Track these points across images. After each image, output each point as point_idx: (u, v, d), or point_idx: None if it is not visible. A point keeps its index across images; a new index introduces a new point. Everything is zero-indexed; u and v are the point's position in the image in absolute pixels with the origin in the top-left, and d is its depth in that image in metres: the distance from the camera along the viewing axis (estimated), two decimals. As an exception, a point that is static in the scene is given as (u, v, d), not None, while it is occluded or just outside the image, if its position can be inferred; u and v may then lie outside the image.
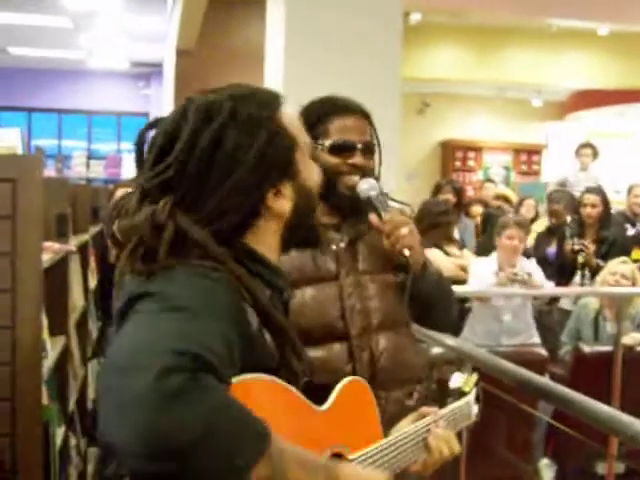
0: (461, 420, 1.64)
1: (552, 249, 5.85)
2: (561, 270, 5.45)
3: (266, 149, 1.23)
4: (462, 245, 5.58)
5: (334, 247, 1.94)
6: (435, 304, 2.01)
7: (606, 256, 5.31)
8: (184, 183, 1.20)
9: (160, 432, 0.88)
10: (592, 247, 5.30)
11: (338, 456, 1.23)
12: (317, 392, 1.26)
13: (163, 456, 0.88)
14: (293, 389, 1.16)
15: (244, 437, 0.94)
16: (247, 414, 0.97)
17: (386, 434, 1.42)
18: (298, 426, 1.15)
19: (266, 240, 1.28)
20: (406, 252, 1.87)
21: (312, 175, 1.36)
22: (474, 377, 1.75)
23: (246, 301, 1.16)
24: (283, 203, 1.28)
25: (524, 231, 4.75)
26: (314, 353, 1.79)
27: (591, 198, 5.51)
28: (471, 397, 1.69)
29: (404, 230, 1.87)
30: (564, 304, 5.40)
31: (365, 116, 2.00)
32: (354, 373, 1.81)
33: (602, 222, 5.49)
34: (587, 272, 5.31)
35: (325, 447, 1.20)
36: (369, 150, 1.96)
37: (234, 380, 1.03)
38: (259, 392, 1.09)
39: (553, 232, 6.04)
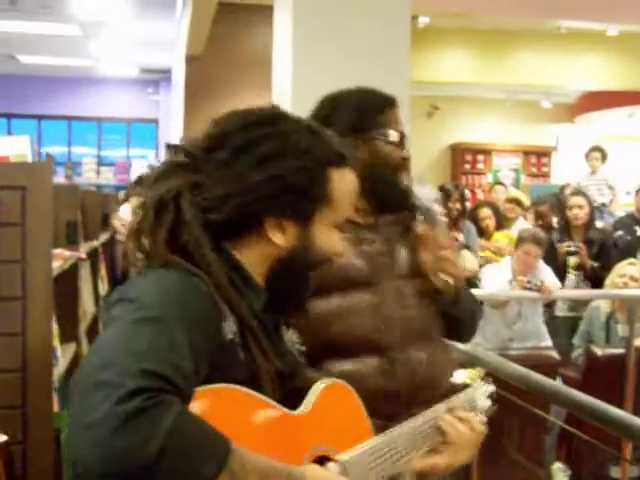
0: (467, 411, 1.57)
1: None
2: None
3: (294, 175, 1.21)
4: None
5: (367, 248, 1.78)
6: (462, 325, 1.92)
7: (598, 257, 5.34)
8: (207, 167, 1.21)
9: (116, 453, 0.90)
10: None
11: (323, 458, 1.20)
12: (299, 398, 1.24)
13: (120, 476, 0.90)
14: (263, 397, 1.13)
15: (201, 456, 0.95)
16: (206, 432, 0.97)
17: None
18: (271, 433, 1.13)
19: (253, 261, 1.25)
20: (443, 276, 1.77)
21: (328, 242, 1.29)
22: (478, 371, 1.71)
23: (220, 306, 1.15)
24: (279, 237, 1.24)
25: (541, 247, 4.77)
26: (345, 366, 1.68)
27: (577, 200, 5.54)
28: (474, 389, 1.63)
29: (446, 253, 1.77)
30: (558, 311, 5.41)
31: None
32: (390, 389, 1.69)
33: (588, 223, 5.53)
34: (581, 273, 5.34)
35: (306, 450, 1.18)
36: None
37: (201, 389, 1.05)
38: (226, 402, 1.09)
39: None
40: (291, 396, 1.23)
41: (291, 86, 3.51)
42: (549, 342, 4.72)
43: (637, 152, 12.20)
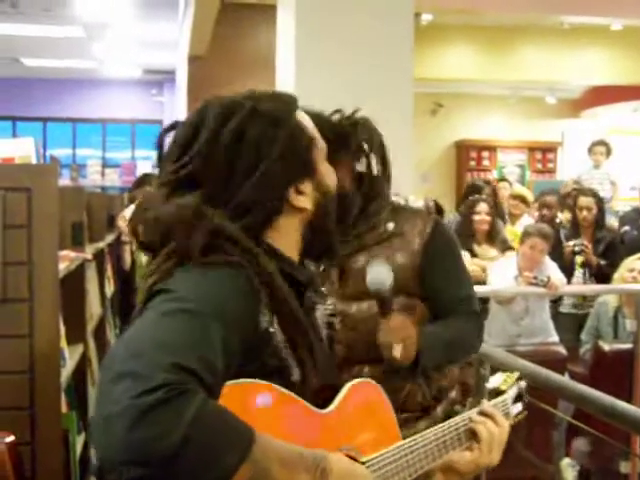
0: None
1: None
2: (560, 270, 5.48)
3: (288, 144, 1.24)
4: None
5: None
6: (447, 363, 1.99)
7: (604, 255, 5.35)
8: (210, 177, 1.21)
9: (135, 445, 0.89)
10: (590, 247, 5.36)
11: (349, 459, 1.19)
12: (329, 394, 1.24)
13: (142, 465, 0.90)
14: (292, 394, 1.13)
15: (223, 446, 0.94)
16: (229, 422, 0.97)
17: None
18: (297, 431, 1.13)
19: (287, 238, 1.28)
20: (396, 354, 1.80)
21: (329, 176, 1.35)
22: (514, 375, 1.68)
23: (262, 300, 1.15)
24: (305, 200, 1.28)
25: (547, 242, 4.75)
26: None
27: (586, 201, 5.54)
28: (508, 395, 1.61)
29: (401, 339, 1.80)
30: (564, 309, 5.41)
31: None
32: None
33: (597, 224, 5.56)
34: (587, 271, 5.35)
35: (331, 449, 1.16)
36: None
37: (231, 383, 1.05)
38: (254, 398, 1.08)
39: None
40: (323, 393, 1.23)
41: (294, 85, 3.51)
42: (556, 338, 4.71)
43: (642, 147, 12.16)
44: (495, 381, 1.65)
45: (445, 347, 1.94)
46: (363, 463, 1.18)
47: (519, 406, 1.64)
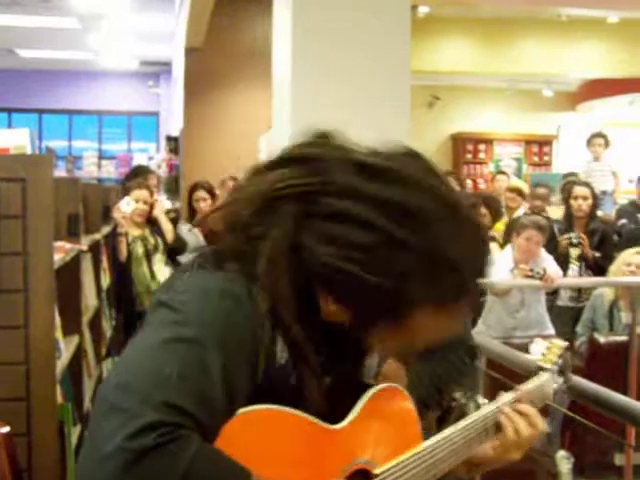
0: (539, 401, 1.43)
1: None
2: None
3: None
4: None
5: None
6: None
7: (598, 247, 5.36)
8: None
9: None
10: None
11: (362, 472, 1.12)
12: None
13: None
14: (297, 412, 1.04)
15: None
16: (224, 471, 0.92)
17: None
18: (303, 449, 1.05)
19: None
20: None
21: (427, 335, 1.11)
22: (557, 346, 1.49)
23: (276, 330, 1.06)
24: (331, 310, 1.08)
25: (543, 234, 4.74)
26: None
27: (582, 190, 5.53)
28: (549, 374, 1.45)
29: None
30: (560, 301, 5.42)
31: None
32: None
33: (590, 214, 5.55)
34: (582, 264, 5.36)
35: (343, 464, 1.10)
36: None
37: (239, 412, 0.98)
38: (262, 423, 1.01)
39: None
40: (340, 404, 1.13)
41: (291, 77, 3.50)
42: (552, 330, 4.72)
43: (638, 139, 12.17)
44: (536, 351, 1.49)
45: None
46: (377, 476, 1.11)
47: (560, 380, 1.48)
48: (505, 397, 1.37)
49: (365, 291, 1.02)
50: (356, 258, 1.01)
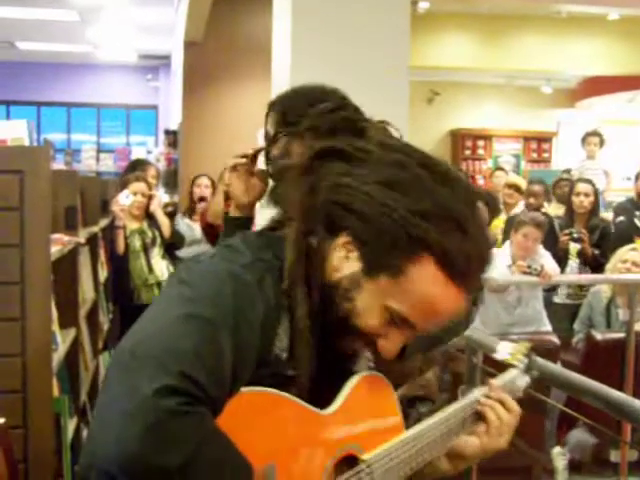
0: (510, 395, 1.47)
1: None
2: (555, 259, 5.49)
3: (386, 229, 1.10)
4: None
5: None
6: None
7: (599, 244, 5.36)
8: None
9: (142, 450, 0.87)
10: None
11: (350, 457, 1.16)
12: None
13: (139, 475, 0.87)
14: (289, 396, 1.08)
15: (226, 470, 0.94)
16: (232, 448, 0.96)
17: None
18: (294, 434, 1.09)
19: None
20: None
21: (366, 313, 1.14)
22: (523, 345, 1.57)
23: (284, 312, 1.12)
24: (341, 259, 1.14)
25: (540, 230, 4.75)
26: None
27: (585, 187, 5.55)
28: (518, 370, 1.53)
29: None
30: (558, 298, 5.43)
31: None
32: None
33: (592, 211, 5.58)
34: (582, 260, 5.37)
35: (332, 450, 1.14)
36: None
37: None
38: (256, 405, 1.05)
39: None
40: (327, 391, 1.17)
41: (290, 71, 3.49)
42: (549, 327, 4.72)
43: (637, 137, 12.17)
44: (503, 352, 1.57)
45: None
46: (364, 461, 1.15)
47: (527, 379, 1.55)
48: (478, 390, 1.42)
49: (381, 225, 1.09)
50: (377, 194, 1.11)
